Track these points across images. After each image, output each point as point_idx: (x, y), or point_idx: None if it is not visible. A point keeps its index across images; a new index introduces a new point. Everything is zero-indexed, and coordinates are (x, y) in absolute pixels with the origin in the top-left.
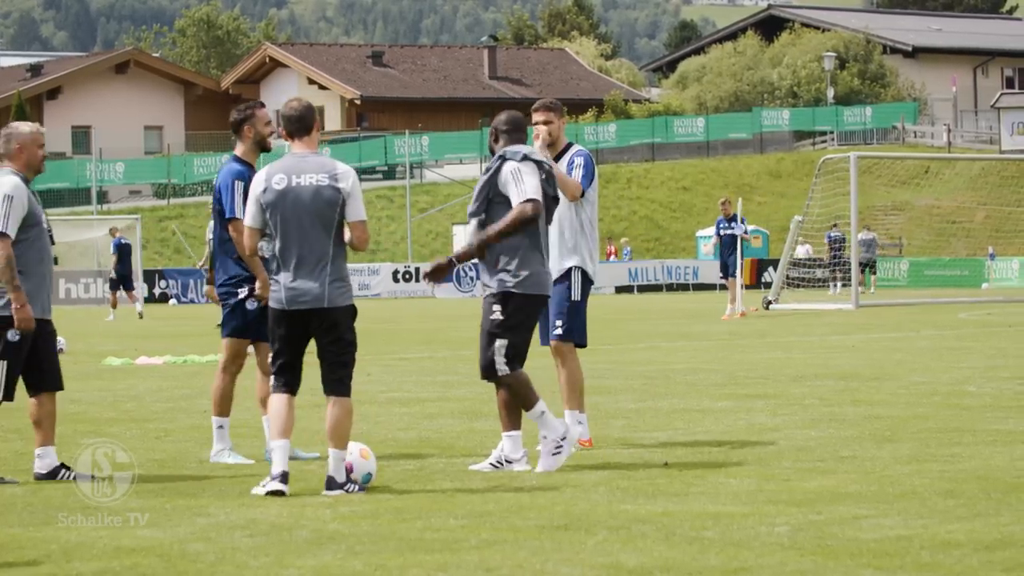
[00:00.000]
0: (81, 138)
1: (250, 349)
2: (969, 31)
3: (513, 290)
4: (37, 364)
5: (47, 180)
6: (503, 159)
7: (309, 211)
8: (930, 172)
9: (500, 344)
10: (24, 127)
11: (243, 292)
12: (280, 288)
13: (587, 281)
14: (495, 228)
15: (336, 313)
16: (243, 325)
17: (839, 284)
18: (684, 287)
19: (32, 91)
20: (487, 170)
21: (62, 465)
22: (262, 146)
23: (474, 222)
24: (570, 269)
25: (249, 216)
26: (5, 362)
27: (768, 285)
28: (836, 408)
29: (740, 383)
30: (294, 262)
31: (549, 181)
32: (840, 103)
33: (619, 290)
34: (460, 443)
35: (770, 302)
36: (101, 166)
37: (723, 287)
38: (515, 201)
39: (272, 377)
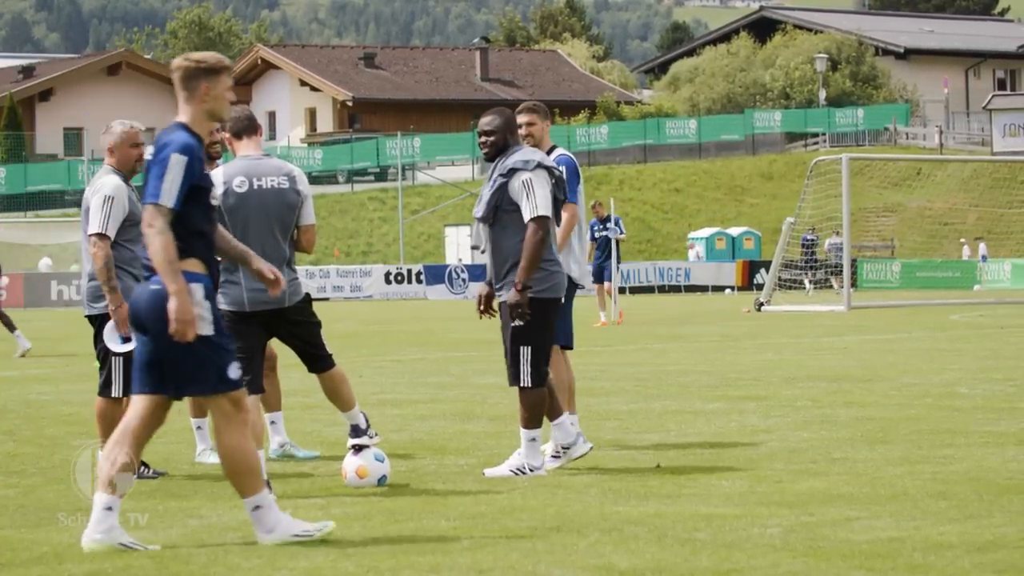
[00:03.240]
0: (73, 140)
1: None
2: (961, 33)
3: (534, 297)
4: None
5: (39, 182)
6: (514, 171)
7: (272, 214)
8: (922, 174)
9: (525, 352)
10: (116, 127)
11: None
12: (240, 290)
13: (572, 285)
14: (524, 265)
15: (297, 309)
16: None
17: (811, 285)
18: (676, 288)
19: (24, 93)
20: (495, 176)
21: (142, 463)
22: (207, 155)
23: (482, 227)
24: None
25: None
26: (121, 358)
27: (760, 287)
28: (828, 410)
29: (732, 385)
30: None
31: (559, 185)
32: (832, 105)
33: None
34: (452, 445)
35: (762, 304)
36: (93, 168)
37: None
38: (526, 216)
39: None
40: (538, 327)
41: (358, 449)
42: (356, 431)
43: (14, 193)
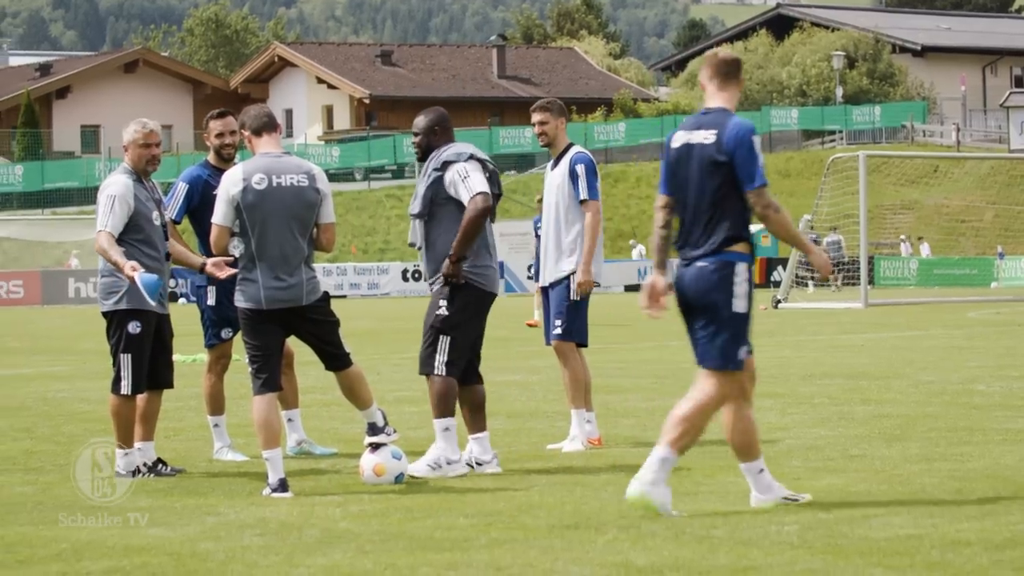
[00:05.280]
0: (90, 137)
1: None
2: (978, 30)
3: (470, 279)
4: (151, 360)
5: (56, 179)
6: (447, 163)
7: (291, 212)
8: (939, 171)
9: (444, 341)
10: (131, 125)
11: (207, 298)
12: (257, 288)
13: None
14: (460, 237)
15: (315, 307)
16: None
17: (811, 283)
18: None
19: (41, 90)
20: (428, 172)
21: (159, 460)
22: (219, 155)
23: (417, 223)
24: (571, 272)
25: (220, 215)
26: (129, 355)
27: (777, 284)
28: (845, 407)
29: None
30: (273, 262)
31: (493, 180)
32: (849, 102)
33: (628, 289)
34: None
35: (779, 301)
36: (110, 165)
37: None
38: (465, 198)
39: (252, 378)
40: (463, 320)
41: (375, 447)
42: (373, 429)
43: (31, 190)
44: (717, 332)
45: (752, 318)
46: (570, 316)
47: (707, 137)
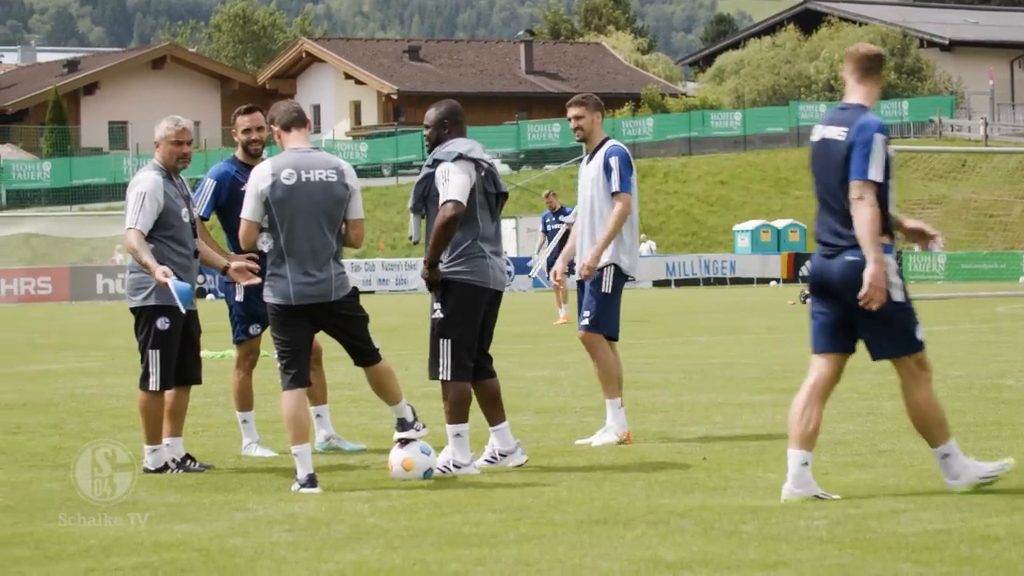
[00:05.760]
0: (118, 133)
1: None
2: (1006, 24)
3: (449, 277)
4: (180, 356)
5: (84, 175)
6: (439, 161)
7: (320, 207)
8: (967, 166)
9: (444, 344)
10: (163, 122)
11: (235, 294)
12: (286, 283)
13: (621, 276)
14: (430, 243)
15: (344, 303)
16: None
17: None
18: (721, 281)
19: (69, 87)
20: (424, 167)
21: (187, 456)
22: (246, 151)
23: (414, 217)
24: (605, 265)
25: (249, 210)
26: (158, 351)
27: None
28: (874, 402)
29: (778, 377)
30: (302, 257)
31: (488, 178)
32: None
33: (656, 284)
34: None
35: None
36: (138, 161)
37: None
38: (440, 201)
39: (281, 374)
40: (459, 320)
41: (404, 442)
42: (403, 424)
43: (60, 187)
44: (887, 324)
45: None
46: (600, 308)
47: (839, 134)
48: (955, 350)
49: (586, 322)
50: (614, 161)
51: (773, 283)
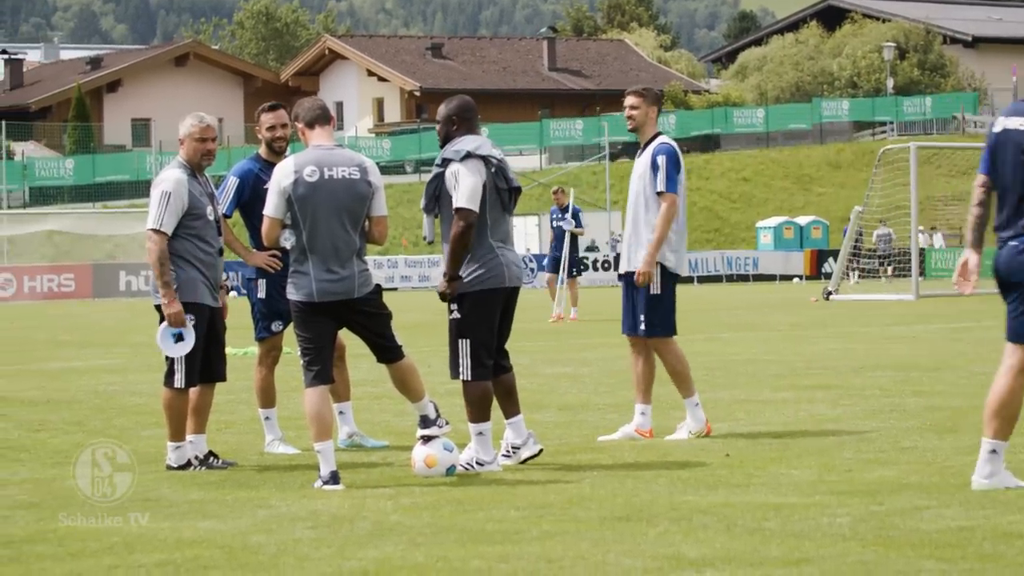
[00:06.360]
0: (141, 131)
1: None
2: None
3: (465, 290)
4: (204, 352)
5: (107, 172)
6: (448, 160)
7: (343, 204)
8: None
9: (463, 344)
10: (188, 119)
11: (258, 291)
12: (309, 280)
13: (668, 275)
14: (447, 257)
15: (367, 300)
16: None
17: (856, 274)
18: (744, 278)
19: (92, 84)
20: (434, 166)
21: (211, 453)
22: (270, 148)
23: (427, 217)
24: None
25: (271, 207)
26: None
27: (828, 276)
28: (897, 399)
29: (801, 374)
30: (325, 254)
31: (499, 174)
32: (900, 93)
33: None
34: None
35: (830, 293)
36: (161, 159)
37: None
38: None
39: (304, 371)
40: (476, 320)
41: (427, 439)
42: (425, 421)
43: (83, 184)
44: None
45: None
46: (651, 310)
47: (1022, 124)
48: (979, 347)
49: (644, 328)
50: (661, 160)
51: (796, 280)
